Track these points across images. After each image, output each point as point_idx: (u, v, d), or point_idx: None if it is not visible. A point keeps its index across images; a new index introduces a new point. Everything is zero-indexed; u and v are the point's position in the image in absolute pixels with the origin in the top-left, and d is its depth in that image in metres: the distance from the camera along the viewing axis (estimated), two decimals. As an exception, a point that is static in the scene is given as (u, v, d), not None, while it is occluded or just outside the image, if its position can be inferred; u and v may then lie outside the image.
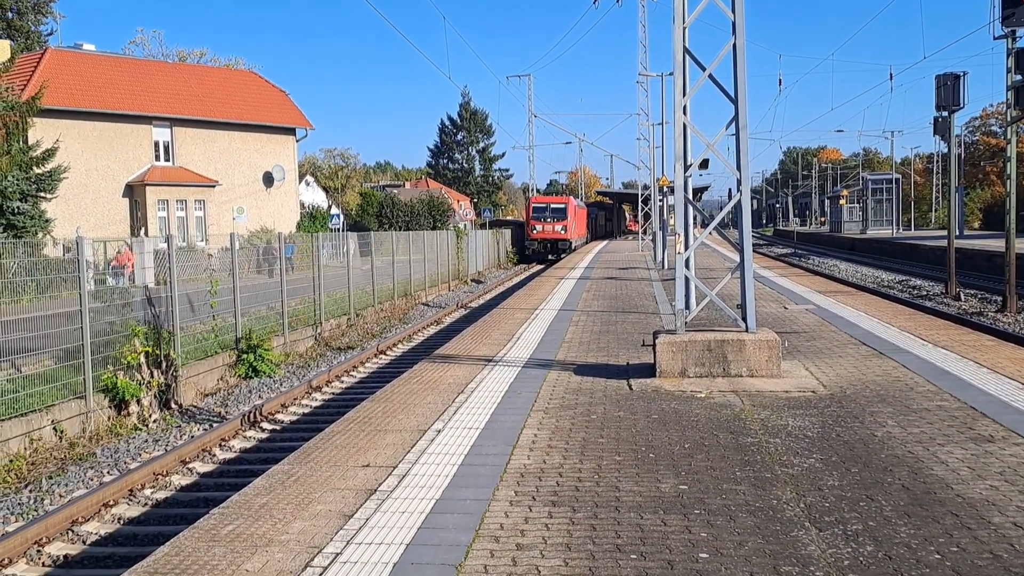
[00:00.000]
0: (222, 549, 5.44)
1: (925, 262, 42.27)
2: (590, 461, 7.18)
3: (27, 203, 28.72)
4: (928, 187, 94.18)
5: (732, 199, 11.43)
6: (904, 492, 6.24)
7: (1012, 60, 23.32)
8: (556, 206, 59.87)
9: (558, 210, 59.01)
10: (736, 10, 10.49)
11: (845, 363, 11.38)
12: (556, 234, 58.26)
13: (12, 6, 48.90)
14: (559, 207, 59.56)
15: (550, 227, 58.25)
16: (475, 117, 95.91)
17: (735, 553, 5.19)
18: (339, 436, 8.28)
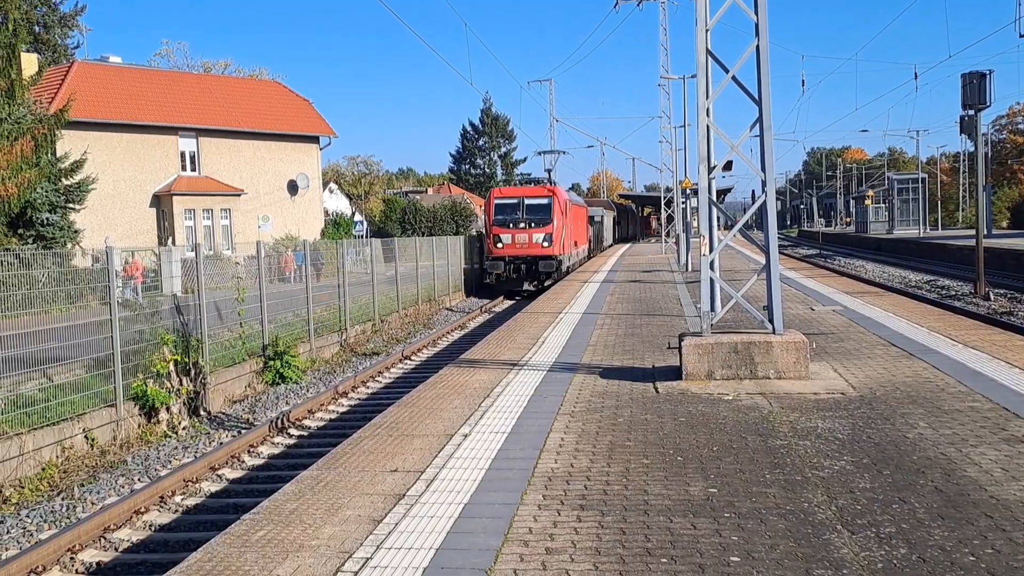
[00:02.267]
0: (254, 555, 5.48)
1: (953, 262, 41.83)
2: (618, 464, 7.16)
3: (56, 214, 29.07)
4: (955, 186, 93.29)
5: (756, 200, 11.38)
6: (937, 494, 6.17)
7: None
8: (534, 201, 36.26)
9: (537, 208, 36.08)
10: (759, 12, 10.45)
11: (874, 364, 11.28)
12: (533, 248, 35.35)
13: (40, 20, 49.57)
14: (539, 202, 36.17)
15: (523, 237, 35.47)
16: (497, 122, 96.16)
17: (767, 556, 5.16)
18: (366, 441, 8.31)
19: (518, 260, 35.57)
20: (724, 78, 10.91)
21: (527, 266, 35.51)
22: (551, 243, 35.32)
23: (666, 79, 50.26)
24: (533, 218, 35.68)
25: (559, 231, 35.73)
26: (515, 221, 35.68)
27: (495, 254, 35.75)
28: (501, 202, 36.57)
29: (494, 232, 35.91)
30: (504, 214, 36.11)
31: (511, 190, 38.53)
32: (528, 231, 35.47)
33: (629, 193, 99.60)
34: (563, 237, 36.21)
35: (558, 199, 36.30)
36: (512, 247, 35.55)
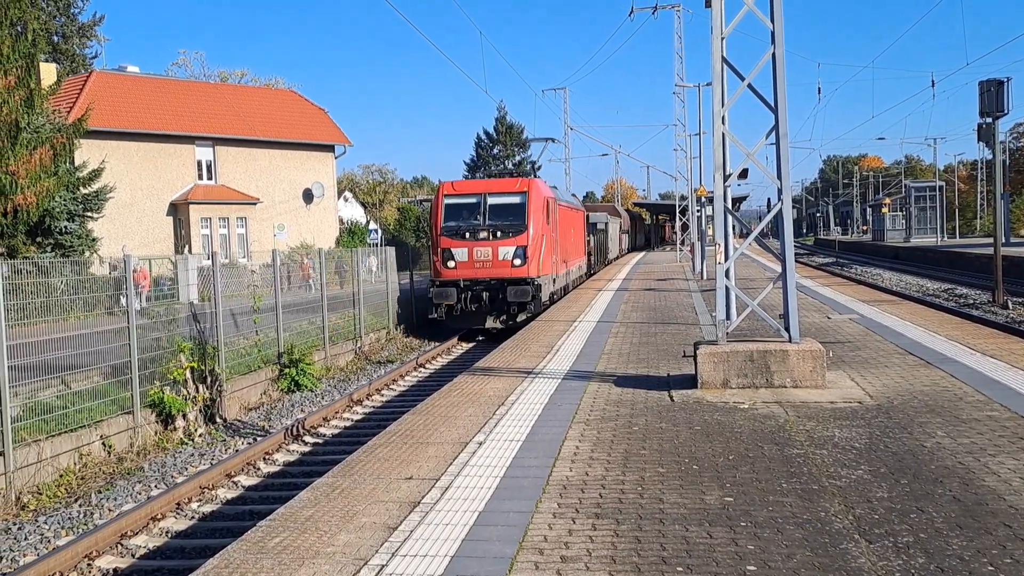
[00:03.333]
0: (270, 561, 5.50)
1: (971, 270, 41.55)
2: (633, 473, 7.14)
3: (74, 223, 29.31)
4: (972, 194, 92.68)
5: (772, 208, 11.35)
6: (955, 503, 6.13)
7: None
8: (500, 200, 25.96)
9: (505, 210, 25.74)
10: (775, 19, 10.44)
11: (891, 373, 11.21)
12: (500, 267, 25.24)
13: (58, 30, 50.06)
14: (508, 201, 25.90)
15: (485, 251, 25.27)
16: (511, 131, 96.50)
17: (783, 566, 5.13)
18: (381, 449, 8.32)
19: (477, 286, 24.77)
20: (740, 86, 10.90)
21: (490, 294, 24.72)
22: (525, 260, 24.48)
23: (681, 87, 50.25)
24: (499, 224, 24.80)
25: (537, 242, 25.03)
26: (473, 229, 24.78)
27: (444, 276, 24.78)
28: (454, 201, 25.41)
29: (443, 245, 24.79)
30: (457, 218, 25.12)
31: (468, 184, 27.56)
32: (492, 243, 24.51)
33: (643, 201, 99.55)
34: (544, 251, 25.47)
35: (536, 196, 25.29)
36: (468, 266, 24.69)
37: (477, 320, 25.45)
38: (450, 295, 24.82)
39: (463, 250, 24.98)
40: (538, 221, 25.30)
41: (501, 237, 24.85)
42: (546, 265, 26.09)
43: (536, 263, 25.07)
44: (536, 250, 25.16)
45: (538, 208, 25.47)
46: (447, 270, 25.05)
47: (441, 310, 25.17)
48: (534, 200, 25.34)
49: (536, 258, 25.11)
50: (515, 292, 24.46)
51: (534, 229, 25.09)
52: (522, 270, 24.76)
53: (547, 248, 26.17)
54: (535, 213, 25.22)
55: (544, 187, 27.46)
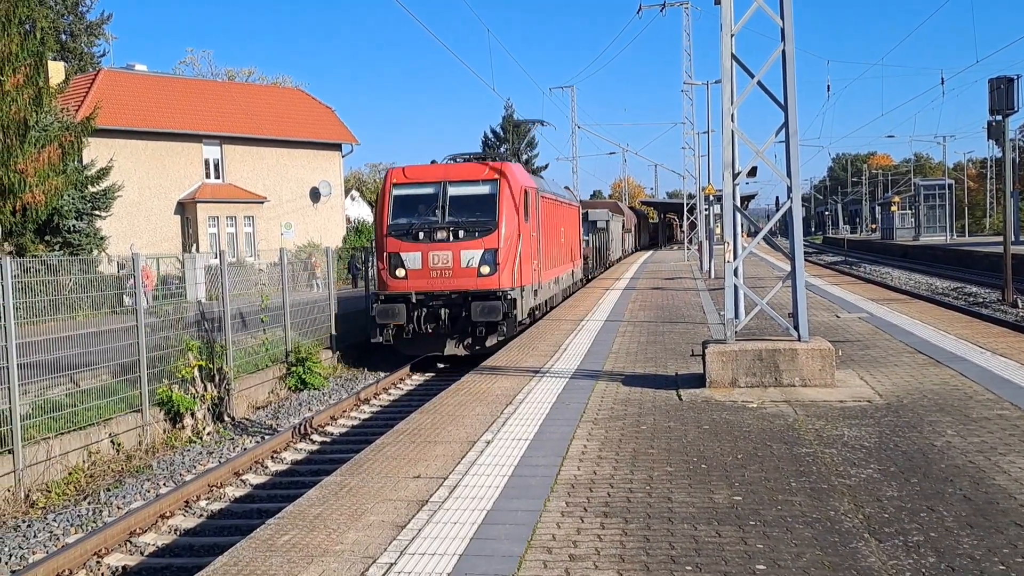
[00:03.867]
0: (279, 559, 5.50)
1: (980, 269, 41.38)
2: (641, 472, 7.12)
3: (82, 221, 29.41)
4: (982, 192, 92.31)
5: (781, 207, 11.31)
6: (966, 502, 6.10)
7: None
8: (463, 190, 20.31)
9: (470, 203, 20.21)
10: (785, 16, 10.41)
11: (901, 372, 11.17)
12: (463, 276, 19.68)
13: (67, 29, 50.22)
14: (473, 192, 20.30)
15: (444, 256, 19.74)
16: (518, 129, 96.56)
17: (793, 565, 5.11)
18: (389, 448, 8.32)
19: (434, 301, 19.32)
20: (749, 83, 10.87)
21: (451, 311, 19.32)
22: (495, 267, 19.22)
23: (689, 85, 50.18)
24: (463, 221, 19.51)
25: (511, 243, 19.55)
26: (429, 228, 19.44)
27: (391, 289, 19.41)
28: (405, 192, 20.08)
29: (389, 249, 19.56)
30: (409, 214, 19.85)
31: (423, 170, 20.67)
32: (453, 246, 19.27)
33: (651, 200, 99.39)
34: (521, 254, 19.85)
35: (510, 185, 19.85)
36: (423, 276, 19.38)
37: (434, 345, 19.77)
38: (398, 313, 19.04)
39: (415, 255, 19.32)
40: (513, 216, 19.67)
41: (465, 238, 19.22)
42: (524, 273, 20.12)
43: (510, 270, 19.39)
44: (510, 254, 19.42)
45: (513, 200, 19.75)
46: (395, 281, 19.40)
47: (387, 332, 19.33)
48: (508, 190, 19.63)
49: (510, 264, 19.40)
50: (481, 309, 18.72)
51: (508, 227, 19.44)
52: (491, 280, 19.09)
53: (526, 251, 20.21)
54: (509, 206, 19.58)
55: (522, 173, 21.33)
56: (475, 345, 19.43)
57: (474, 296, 19.00)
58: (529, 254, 20.65)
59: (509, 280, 19.41)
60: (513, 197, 19.77)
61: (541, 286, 22.28)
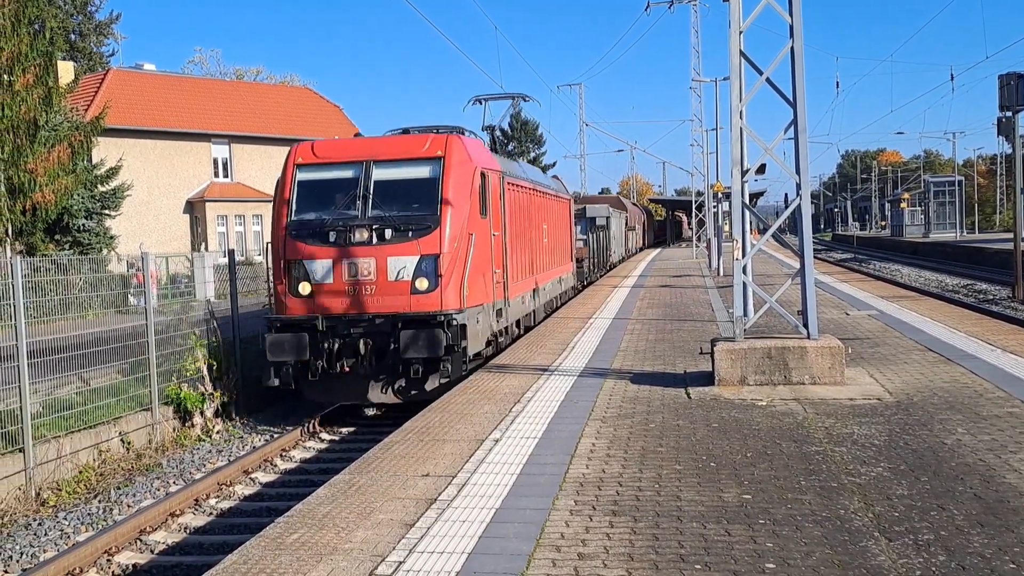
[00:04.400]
0: (288, 557, 5.51)
1: (991, 266, 41.19)
2: (650, 470, 7.11)
3: (92, 220, 29.52)
4: (992, 189, 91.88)
5: (790, 204, 11.27)
6: (976, 501, 6.07)
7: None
8: (393, 172, 14.19)
9: (402, 191, 14.14)
10: (793, 13, 10.37)
11: (911, 369, 11.13)
12: (390, 292, 13.57)
13: (76, 28, 50.39)
14: (407, 174, 14.25)
15: (364, 265, 13.61)
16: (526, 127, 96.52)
17: (802, 563, 5.10)
18: (398, 446, 8.33)
19: (351, 328, 13.81)
20: (758, 80, 10.84)
21: (374, 343, 13.82)
22: (436, 279, 13.77)
23: (698, 82, 50.08)
24: (391, 217, 14.02)
25: (460, 245, 14.04)
26: (344, 226, 13.98)
27: (292, 311, 14.07)
28: (313, 176, 14.74)
29: (290, 255, 14.19)
30: (317, 206, 14.48)
31: (339, 146, 15.50)
32: (378, 250, 13.86)
33: (659, 197, 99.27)
34: (472, 263, 14.18)
35: (460, 166, 14.41)
36: (335, 293, 13.95)
37: (352, 390, 14.11)
38: (300, 346, 13.40)
39: (324, 264, 13.65)
40: (464, 209, 13.94)
41: (395, 239, 13.56)
42: (480, 287, 14.52)
43: (458, 284, 13.64)
44: (458, 261, 13.69)
45: (465, 186, 14.05)
46: (296, 300, 13.74)
47: (285, 373, 13.63)
48: (457, 172, 13.99)
49: (458, 275, 13.64)
50: (414, 340, 13.04)
51: (455, 223, 13.71)
52: (430, 299, 13.46)
53: (482, 256, 14.63)
54: (459, 195, 13.93)
55: (479, 151, 15.57)
56: (410, 389, 13.72)
57: (406, 322, 13.21)
58: (487, 261, 14.87)
59: (456, 298, 13.52)
60: (464, 182, 14.01)
61: (510, 303, 16.62)
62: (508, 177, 16.95)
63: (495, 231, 15.57)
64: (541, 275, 20.52)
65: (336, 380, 13.88)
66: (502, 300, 16.04)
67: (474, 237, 14.08)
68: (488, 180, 15.09)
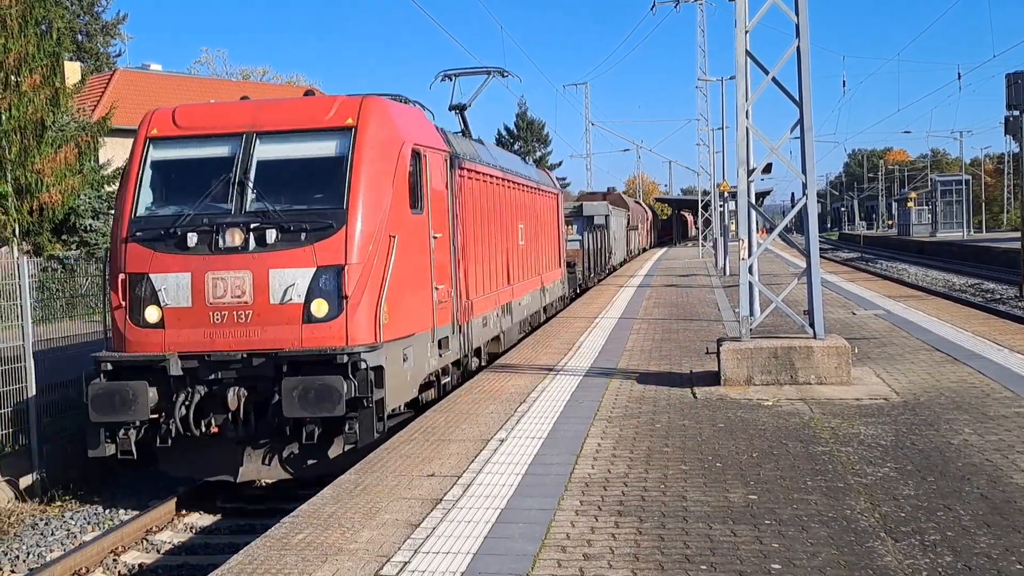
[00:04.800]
0: (294, 557, 5.52)
1: (998, 265, 41.05)
2: (655, 470, 7.11)
3: (99, 220, 29.57)
4: (999, 188, 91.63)
5: (796, 203, 11.26)
6: (983, 501, 6.05)
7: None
8: (284, 150, 9.94)
9: (295, 176, 9.92)
10: (799, 12, 10.35)
11: (918, 369, 11.10)
12: (269, 319, 9.18)
13: (82, 29, 50.53)
14: (304, 154, 9.97)
15: (234, 279, 9.18)
16: (532, 126, 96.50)
17: (808, 564, 5.09)
18: (404, 446, 8.34)
19: (218, 372, 9.27)
20: (764, 79, 10.83)
21: (251, 393, 9.31)
22: (341, 302, 9.26)
23: (704, 81, 50.01)
24: (276, 212, 9.51)
25: (375, 253, 9.54)
26: (209, 225, 9.46)
27: (133, 348, 9.47)
28: (171, 155, 10.32)
29: (131, 268, 9.60)
30: (176, 199, 10.05)
31: (209, 112, 10.79)
32: (254, 259, 9.32)
33: (665, 196, 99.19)
34: (392, 275, 9.62)
35: (378, 139, 9.93)
36: (195, 321, 9.36)
37: (219, 461, 9.82)
38: (140, 400, 9.15)
39: (180, 279, 9.56)
40: (383, 200, 9.90)
41: (281, 244, 9.52)
42: (408, 309, 10.37)
43: (372, 308, 9.55)
44: (372, 273, 9.60)
45: (385, 169, 10.05)
46: (140, 331, 9.62)
47: (125, 439, 9.39)
48: (375, 149, 9.98)
49: (372, 294, 9.58)
50: (302, 393, 8.91)
51: (368, 221, 9.65)
52: (331, 329, 9.41)
53: (414, 267, 10.55)
54: (377, 181, 9.90)
55: (412, 122, 11.34)
56: (304, 459, 9.55)
57: (294, 364, 9.12)
58: (422, 272, 10.69)
59: (368, 328, 9.40)
60: (385, 163, 9.92)
61: (465, 327, 12.53)
62: (463, 161, 12.82)
63: (437, 231, 11.00)
64: (518, 285, 16.63)
65: (197, 446, 9.50)
66: (449, 325, 11.56)
67: (397, 240, 9.60)
68: (425, 162, 10.71)
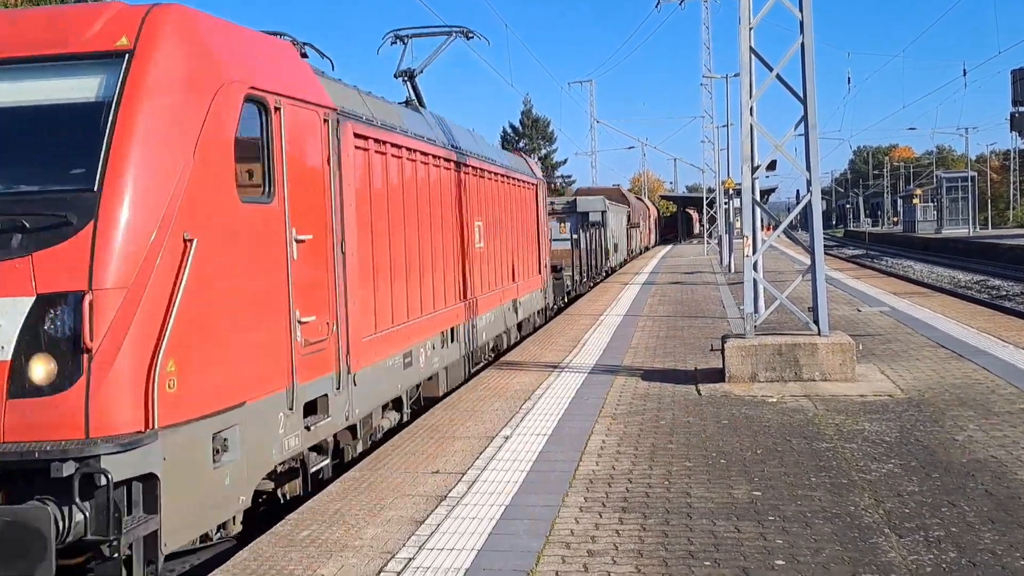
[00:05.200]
0: (299, 554, 5.54)
1: (1003, 262, 40.98)
2: (660, 467, 7.12)
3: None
4: (1005, 184, 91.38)
5: (801, 200, 11.26)
6: (987, 497, 6.05)
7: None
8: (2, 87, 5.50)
9: (18, 129, 5.75)
10: (804, 9, 10.35)
11: (922, 366, 11.09)
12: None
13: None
14: (45, 99, 5.69)
15: None
16: (537, 124, 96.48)
17: (812, 560, 5.09)
18: (408, 443, 8.35)
19: None
20: (768, 76, 10.83)
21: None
22: (74, 359, 5.10)
23: (708, 78, 49.94)
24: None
25: (147, 265, 5.37)
26: None
27: None
28: None
29: None
30: None
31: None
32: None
33: (671, 194, 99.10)
34: (176, 308, 5.40)
35: (171, 73, 5.78)
36: None
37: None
38: None
39: None
40: (176, 175, 5.66)
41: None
42: (242, 360, 6.18)
43: (139, 363, 5.25)
44: (140, 305, 5.30)
45: (186, 121, 5.83)
46: None
47: None
48: (164, 88, 5.76)
49: (141, 342, 5.28)
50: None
51: (138, 210, 5.43)
52: (59, 408, 5.06)
53: (246, 292, 6.32)
54: (165, 141, 5.69)
55: (255, 51, 7.01)
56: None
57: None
58: (271, 298, 6.74)
59: (133, 403, 5.26)
60: (187, 114, 5.93)
61: (362, 375, 8.36)
62: (367, 127, 8.86)
63: (303, 232, 7.22)
64: (473, 302, 12.81)
65: None
66: (329, 377, 7.65)
67: (198, 246, 5.72)
68: (279, 120, 6.90)
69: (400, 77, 13.43)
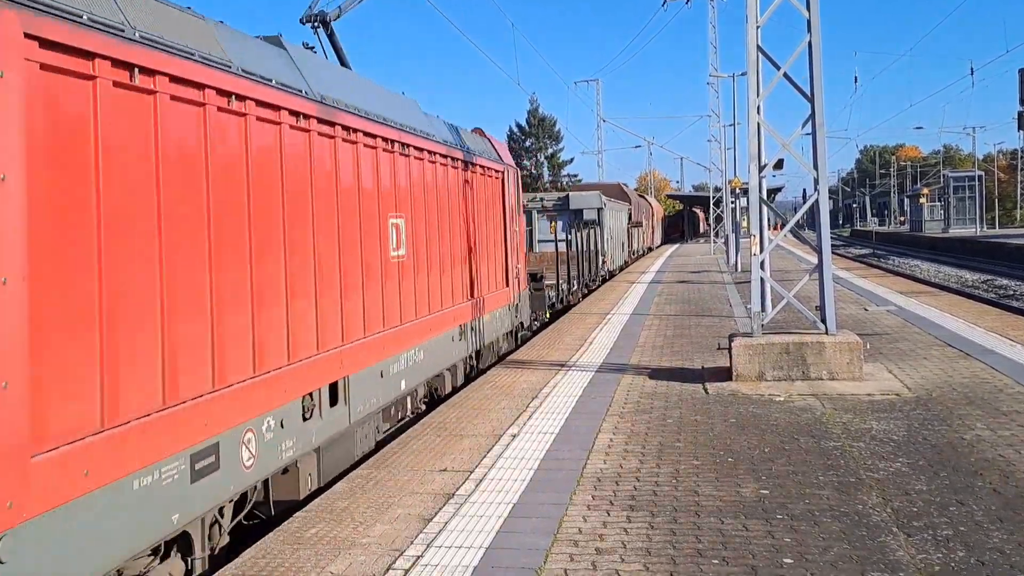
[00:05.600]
0: (307, 551, 5.55)
1: (1011, 261, 40.87)
2: (667, 466, 7.12)
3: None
4: (1012, 184, 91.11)
5: (808, 199, 11.24)
6: (995, 496, 6.05)
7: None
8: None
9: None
10: (811, 7, 10.34)
11: (930, 365, 11.07)
12: None
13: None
14: None
15: None
16: (543, 123, 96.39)
17: (820, 559, 5.10)
18: (416, 441, 8.37)
19: None
20: (775, 75, 10.81)
21: None
22: None
23: (715, 77, 49.86)
24: None
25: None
26: None
27: None
28: None
29: None
30: None
31: None
32: None
33: (677, 193, 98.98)
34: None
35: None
36: None
37: None
38: None
39: None
40: None
41: None
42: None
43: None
44: None
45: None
46: None
47: None
48: None
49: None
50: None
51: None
52: None
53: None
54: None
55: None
56: None
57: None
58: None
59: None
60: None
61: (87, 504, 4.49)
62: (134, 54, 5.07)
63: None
64: (387, 337, 9.20)
65: None
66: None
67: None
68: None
69: (309, 23, 10.62)
